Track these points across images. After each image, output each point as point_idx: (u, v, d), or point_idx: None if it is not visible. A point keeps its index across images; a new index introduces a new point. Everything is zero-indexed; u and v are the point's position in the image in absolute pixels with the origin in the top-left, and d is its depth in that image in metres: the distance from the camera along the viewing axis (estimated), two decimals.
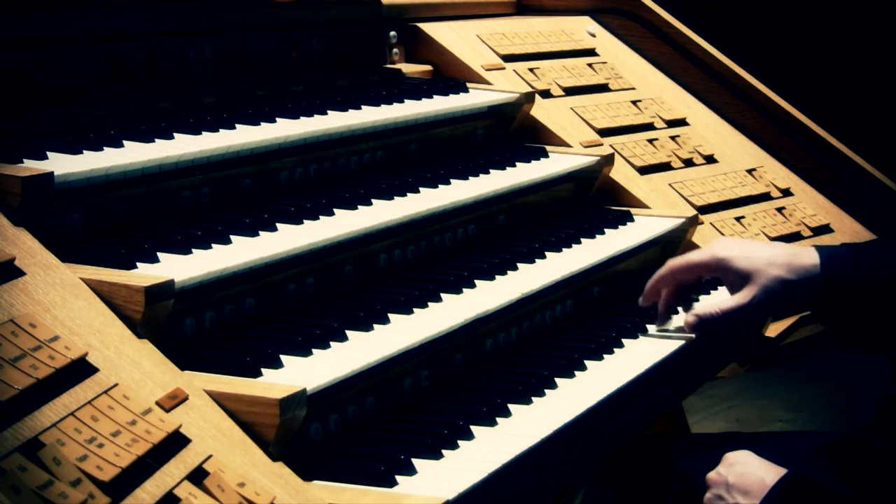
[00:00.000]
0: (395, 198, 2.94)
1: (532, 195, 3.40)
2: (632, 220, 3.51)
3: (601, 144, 3.76)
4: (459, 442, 2.30)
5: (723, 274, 2.92)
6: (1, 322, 1.95)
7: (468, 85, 3.64)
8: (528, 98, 3.67)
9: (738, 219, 3.82)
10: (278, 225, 2.63)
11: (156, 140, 2.67)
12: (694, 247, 3.58)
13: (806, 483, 2.45)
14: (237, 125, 2.86)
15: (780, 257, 2.87)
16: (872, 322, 2.85)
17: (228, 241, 2.50)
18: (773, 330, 3.39)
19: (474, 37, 3.89)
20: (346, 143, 3.10)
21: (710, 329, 2.91)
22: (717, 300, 2.96)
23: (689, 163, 3.96)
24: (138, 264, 2.30)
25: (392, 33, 3.72)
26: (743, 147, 4.22)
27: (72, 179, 2.38)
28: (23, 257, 2.11)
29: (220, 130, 2.81)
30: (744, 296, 2.86)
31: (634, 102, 4.08)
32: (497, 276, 2.89)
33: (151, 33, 3.02)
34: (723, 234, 3.72)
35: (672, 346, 2.91)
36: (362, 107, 3.20)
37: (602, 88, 4.06)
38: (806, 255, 2.86)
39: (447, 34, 3.82)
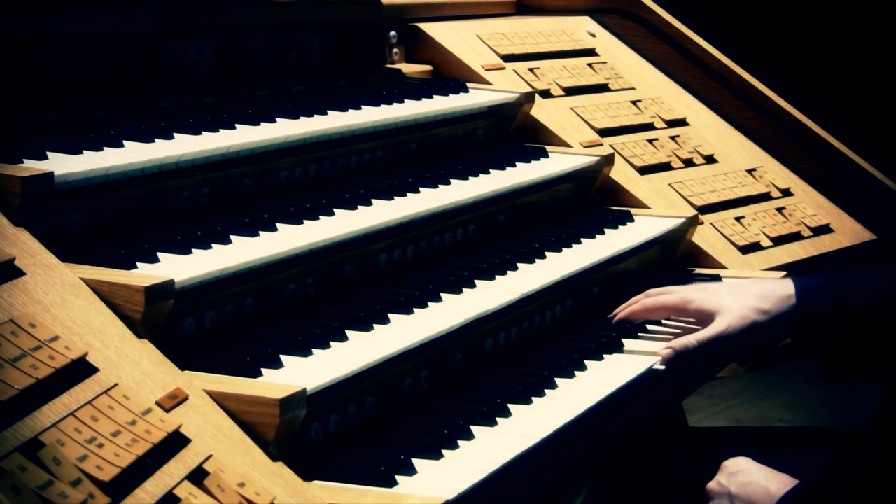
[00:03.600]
0: (395, 198, 2.94)
1: (532, 195, 3.40)
2: (632, 220, 3.50)
3: (601, 144, 3.76)
4: (459, 442, 2.30)
5: (694, 315, 2.88)
6: (1, 322, 1.95)
7: (468, 85, 3.63)
8: (528, 98, 3.67)
9: (738, 219, 3.82)
10: (278, 225, 2.63)
11: (156, 140, 2.67)
12: (694, 247, 3.59)
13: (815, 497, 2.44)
14: (237, 125, 2.86)
15: (751, 290, 2.84)
16: (855, 351, 2.80)
17: (228, 241, 2.50)
18: None
19: (474, 37, 3.89)
20: (346, 143, 3.10)
21: (687, 363, 2.82)
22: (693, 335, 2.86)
23: (689, 163, 3.96)
24: (138, 264, 2.30)
25: (392, 33, 3.72)
26: (743, 147, 4.22)
27: (72, 179, 2.38)
28: (23, 257, 2.11)
29: (220, 130, 2.81)
30: (719, 324, 2.81)
31: (634, 102, 4.08)
32: (497, 276, 2.89)
33: (151, 33, 3.02)
34: (723, 233, 3.72)
35: None
36: (362, 107, 3.20)
37: (602, 88, 4.06)
38: (780, 286, 2.83)
39: (447, 34, 3.82)
